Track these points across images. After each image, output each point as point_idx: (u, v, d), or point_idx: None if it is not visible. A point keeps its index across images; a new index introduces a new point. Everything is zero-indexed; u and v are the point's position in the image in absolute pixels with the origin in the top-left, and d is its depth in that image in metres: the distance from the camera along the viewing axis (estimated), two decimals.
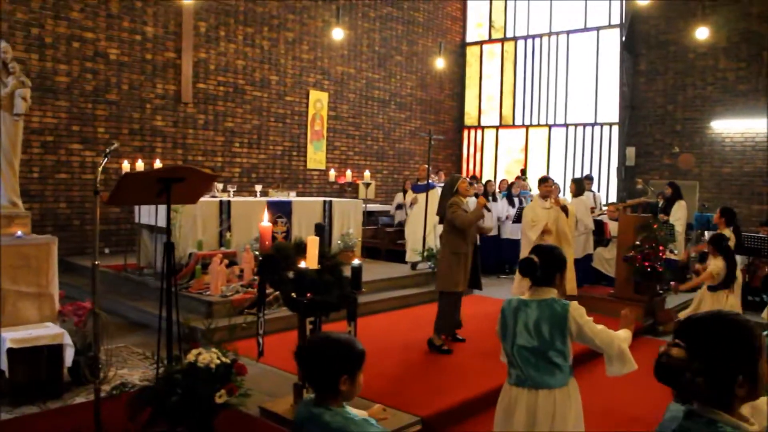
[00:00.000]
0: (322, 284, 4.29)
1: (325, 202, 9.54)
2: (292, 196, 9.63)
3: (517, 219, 10.98)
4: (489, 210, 6.40)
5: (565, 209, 7.62)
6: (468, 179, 6.62)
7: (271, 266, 4.44)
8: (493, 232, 11.51)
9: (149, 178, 3.94)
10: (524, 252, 7.78)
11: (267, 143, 12.24)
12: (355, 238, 9.56)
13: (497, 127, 16.54)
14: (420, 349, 6.21)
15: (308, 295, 4.14)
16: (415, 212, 10.44)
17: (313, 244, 4.31)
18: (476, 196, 6.42)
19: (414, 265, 9.52)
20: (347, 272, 4.42)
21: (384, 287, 8.55)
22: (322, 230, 4.85)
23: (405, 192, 11.90)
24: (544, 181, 7.88)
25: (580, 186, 9.66)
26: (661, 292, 8.44)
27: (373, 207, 13.23)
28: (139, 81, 10.30)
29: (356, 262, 4.32)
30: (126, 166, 8.47)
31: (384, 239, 11.74)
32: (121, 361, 5.34)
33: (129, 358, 5.49)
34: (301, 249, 4.46)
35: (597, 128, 14.89)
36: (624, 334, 3.04)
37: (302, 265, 4.17)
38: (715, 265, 6.26)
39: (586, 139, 15.04)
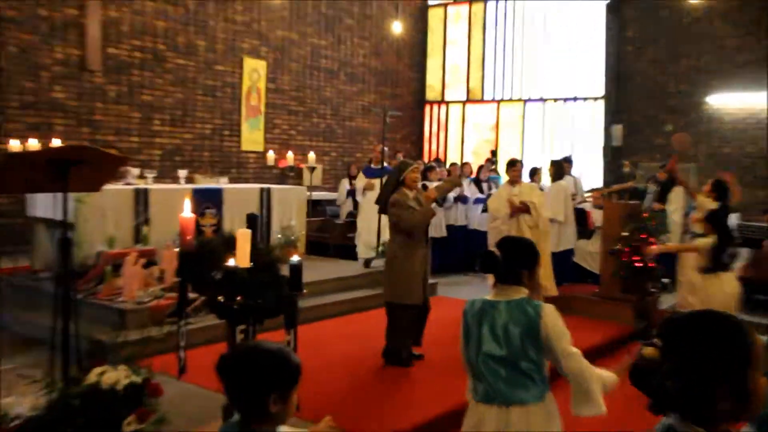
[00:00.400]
0: (255, 285, 4.27)
1: (262, 189, 9.53)
2: (223, 183, 9.62)
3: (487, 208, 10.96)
4: (441, 205, 6.36)
5: (525, 209, 7.75)
6: (423, 164, 6.63)
7: (193, 265, 4.34)
8: (461, 222, 11.66)
9: (39, 159, 3.81)
10: (491, 245, 7.84)
11: (193, 120, 12.02)
12: (298, 231, 9.65)
13: (464, 102, 16.59)
14: (373, 360, 6.24)
15: (238, 298, 4.14)
16: (369, 200, 10.45)
17: (244, 238, 4.28)
18: (424, 188, 6.41)
19: (368, 262, 9.62)
20: (286, 271, 4.42)
21: (332, 289, 8.60)
22: (255, 221, 4.80)
23: (351, 177, 11.96)
24: (512, 164, 8.01)
25: (560, 169, 9.75)
26: (653, 290, 8.56)
27: (319, 195, 13.14)
28: (32, 42, 9.93)
29: (296, 258, 4.30)
30: (16, 146, 8.16)
31: (333, 232, 11.80)
32: (6, 388, 5.13)
33: (17, 383, 5.27)
34: (230, 244, 4.39)
35: (579, 103, 15.05)
36: (607, 375, 2.98)
37: (231, 263, 4.14)
38: (703, 241, 6.35)
39: (566, 116, 15.18)
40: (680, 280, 7.37)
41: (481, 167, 12.24)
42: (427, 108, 17.05)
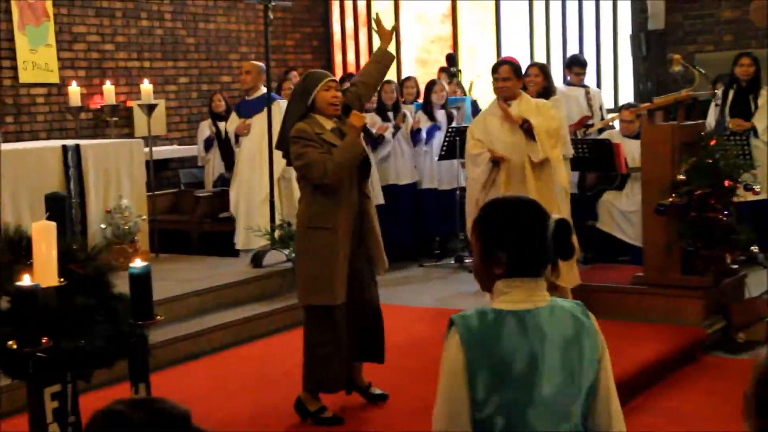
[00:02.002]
0: (71, 316, 4.36)
1: (65, 149, 9.53)
2: None
3: (449, 152, 11.14)
4: (376, 138, 6.49)
5: (527, 126, 7.87)
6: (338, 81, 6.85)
7: None
8: (406, 179, 11.85)
9: None
10: (471, 211, 8.02)
11: None
12: (135, 215, 9.72)
13: None
14: (283, 420, 6.39)
15: (43, 340, 4.15)
16: (247, 153, 10.64)
17: (44, 236, 4.37)
18: (346, 109, 6.47)
19: (258, 258, 9.72)
20: (123, 286, 4.57)
21: (200, 307, 8.71)
22: (63, 206, 5.01)
23: (216, 117, 12.12)
24: (495, 69, 8.14)
25: (549, 76, 9.74)
26: (734, 266, 8.62)
27: (167, 152, 13.19)
28: None
29: (138, 264, 4.43)
30: None
31: (195, 213, 11.96)
32: None
33: None
34: (20, 249, 4.57)
35: None
36: None
37: (25, 281, 4.18)
38: None
39: None
40: None
41: (431, 85, 12.20)
42: None
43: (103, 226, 9.49)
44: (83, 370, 4.43)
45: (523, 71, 8.62)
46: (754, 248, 9.62)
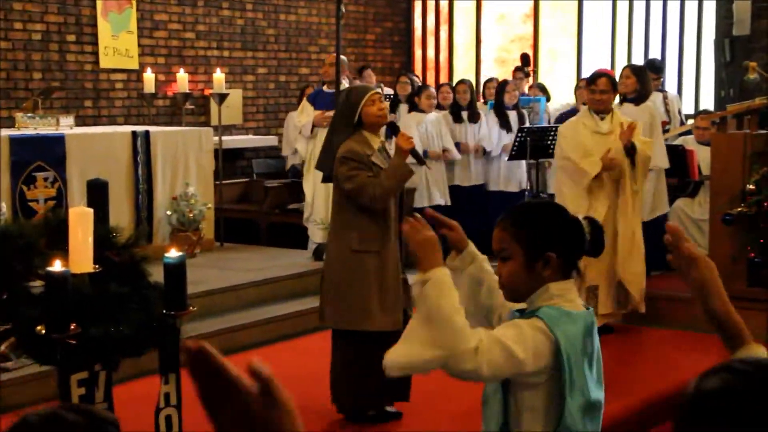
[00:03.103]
0: (102, 303, 4.39)
1: (135, 135, 9.66)
2: (66, 125, 9.65)
3: (519, 153, 11.03)
4: (422, 162, 6.63)
5: (632, 150, 7.87)
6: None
7: None
8: (476, 180, 11.84)
9: None
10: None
11: (10, 17, 11.78)
12: (201, 203, 9.84)
13: None
14: (325, 416, 6.46)
15: (72, 326, 4.15)
16: (320, 146, 10.40)
17: (81, 221, 4.37)
18: (392, 127, 6.57)
19: (319, 251, 9.74)
20: (159, 275, 4.60)
21: (256, 298, 8.75)
22: (103, 191, 4.99)
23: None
24: (593, 81, 8.14)
25: (645, 80, 9.59)
26: None
27: (240, 141, 13.28)
28: None
29: (173, 254, 4.44)
30: None
31: (264, 204, 12.00)
32: None
33: None
34: (56, 233, 4.54)
35: None
36: None
37: (57, 266, 4.18)
38: None
39: None
40: None
41: (503, 85, 12.13)
42: None
43: (168, 212, 9.65)
44: (111, 359, 4.46)
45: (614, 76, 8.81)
46: None
